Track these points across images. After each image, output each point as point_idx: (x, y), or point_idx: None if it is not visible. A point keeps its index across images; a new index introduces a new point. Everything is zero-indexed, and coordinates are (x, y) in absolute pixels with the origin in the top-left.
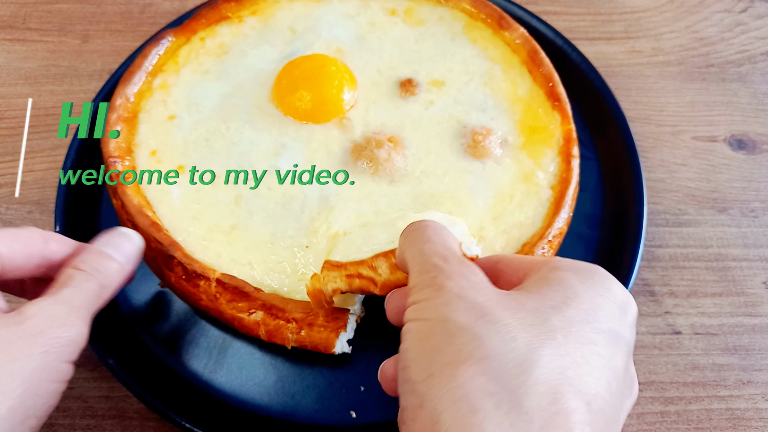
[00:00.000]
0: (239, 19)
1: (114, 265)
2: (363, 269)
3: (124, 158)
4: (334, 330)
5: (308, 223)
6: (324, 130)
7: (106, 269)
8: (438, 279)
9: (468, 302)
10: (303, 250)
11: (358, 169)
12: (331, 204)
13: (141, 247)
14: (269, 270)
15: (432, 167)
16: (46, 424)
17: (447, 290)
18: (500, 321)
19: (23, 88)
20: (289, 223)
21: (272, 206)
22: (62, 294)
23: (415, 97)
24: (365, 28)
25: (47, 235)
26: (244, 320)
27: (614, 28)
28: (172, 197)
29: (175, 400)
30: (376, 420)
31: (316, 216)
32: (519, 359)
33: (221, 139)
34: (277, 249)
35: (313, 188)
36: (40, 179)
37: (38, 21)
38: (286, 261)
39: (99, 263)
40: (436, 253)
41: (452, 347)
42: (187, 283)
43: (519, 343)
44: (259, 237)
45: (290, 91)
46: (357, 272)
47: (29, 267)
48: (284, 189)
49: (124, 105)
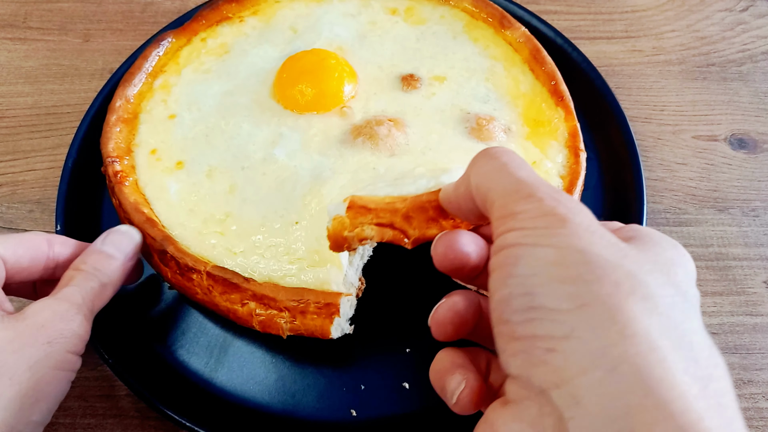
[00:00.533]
0: (240, 19)
1: (114, 263)
2: (396, 219)
3: (123, 158)
4: (327, 316)
5: (299, 199)
6: (323, 119)
7: (106, 268)
8: (559, 209)
9: (604, 239)
10: (293, 227)
11: (357, 146)
12: (323, 179)
13: (140, 243)
14: (261, 255)
15: (436, 144)
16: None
17: (575, 222)
18: (644, 264)
19: (24, 87)
20: (280, 204)
21: (265, 191)
22: (63, 293)
23: (417, 89)
24: (366, 27)
25: (51, 238)
26: (238, 312)
27: (615, 28)
28: (170, 193)
29: (175, 399)
30: (377, 418)
31: (307, 192)
32: (679, 306)
33: (220, 134)
34: (269, 230)
35: (307, 167)
36: (41, 178)
37: (39, 20)
38: (278, 243)
39: (98, 262)
40: (541, 182)
41: (607, 279)
42: (181, 278)
43: (670, 290)
44: (251, 223)
45: (290, 84)
46: (390, 221)
47: (36, 270)
48: (278, 172)
49: (124, 106)
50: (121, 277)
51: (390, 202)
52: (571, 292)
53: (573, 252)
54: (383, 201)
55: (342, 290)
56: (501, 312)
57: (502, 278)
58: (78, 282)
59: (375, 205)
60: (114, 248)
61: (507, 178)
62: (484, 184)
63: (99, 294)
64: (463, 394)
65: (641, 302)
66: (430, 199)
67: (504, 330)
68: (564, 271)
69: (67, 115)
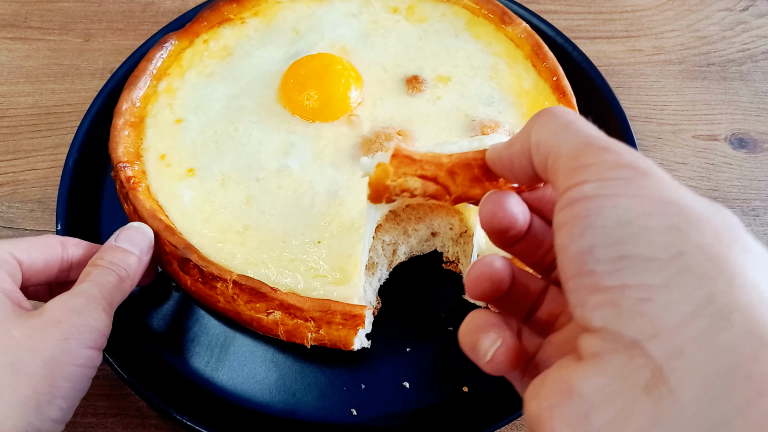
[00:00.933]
0: (241, 20)
1: (130, 257)
2: (441, 173)
3: (133, 163)
4: (352, 327)
5: (319, 217)
6: (332, 128)
7: (124, 262)
8: (639, 162)
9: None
10: (315, 246)
11: None
12: (340, 197)
13: (153, 239)
14: (283, 268)
15: None
16: None
17: (658, 176)
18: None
19: (25, 87)
20: (300, 220)
21: (282, 204)
22: (80, 288)
23: (421, 93)
24: (368, 27)
25: (65, 240)
26: (262, 321)
27: (615, 27)
28: (184, 200)
29: (176, 398)
30: (377, 417)
31: (326, 210)
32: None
33: (230, 140)
34: (290, 246)
35: (323, 183)
36: (42, 178)
37: (40, 20)
38: (299, 258)
39: (115, 257)
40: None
41: (706, 229)
42: (203, 286)
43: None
44: (272, 236)
45: (297, 91)
46: (434, 174)
47: (51, 272)
48: (294, 186)
49: (130, 109)
50: (138, 271)
51: (436, 155)
52: (667, 241)
53: (664, 202)
54: (428, 154)
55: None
56: (581, 263)
57: (579, 230)
58: (95, 277)
59: (420, 156)
60: (129, 243)
61: (575, 134)
62: (547, 141)
63: (117, 287)
64: (499, 351)
65: (744, 254)
66: (477, 157)
67: (585, 282)
68: (657, 220)
69: (67, 115)
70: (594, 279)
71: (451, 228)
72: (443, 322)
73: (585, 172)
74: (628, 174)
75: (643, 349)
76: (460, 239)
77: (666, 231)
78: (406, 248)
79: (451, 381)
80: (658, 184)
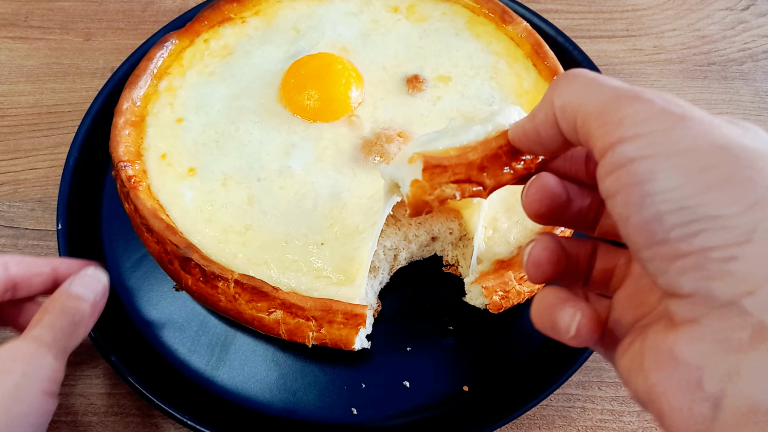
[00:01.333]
0: (242, 19)
1: (83, 304)
2: (473, 172)
3: (134, 162)
4: (353, 327)
5: (321, 220)
6: (333, 128)
7: (77, 308)
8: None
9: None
10: (318, 248)
11: (369, 165)
12: (343, 200)
13: (108, 284)
14: (285, 269)
15: None
16: None
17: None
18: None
19: (25, 86)
20: (302, 221)
21: (285, 205)
22: (31, 334)
23: (422, 93)
24: (369, 26)
25: (6, 261)
26: (264, 320)
27: (616, 27)
28: (185, 200)
29: (177, 397)
30: (377, 417)
31: (329, 213)
32: None
33: (231, 140)
34: (292, 248)
35: (325, 185)
36: (43, 177)
37: (40, 19)
38: (301, 259)
39: (68, 302)
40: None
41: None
42: (205, 285)
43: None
44: (274, 237)
45: (298, 91)
46: (466, 175)
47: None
48: (296, 188)
49: (131, 109)
50: (92, 318)
51: (461, 154)
52: (734, 194)
53: (714, 150)
54: (455, 156)
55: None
56: (651, 234)
57: (637, 199)
58: (48, 322)
59: (449, 161)
60: (83, 289)
61: (600, 89)
62: (573, 101)
63: (71, 333)
64: (582, 323)
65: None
66: (500, 144)
67: (661, 251)
68: (715, 173)
69: (68, 114)
70: (670, 247)
71: (450, 232)
72: (444, 321)
73: (619, 127)
74: (665, 124)
75: (740, 307)
76: (460, 243)
77: (728, 183)
78: (406, 254)
79: (451, 380)
80: (699, 130)
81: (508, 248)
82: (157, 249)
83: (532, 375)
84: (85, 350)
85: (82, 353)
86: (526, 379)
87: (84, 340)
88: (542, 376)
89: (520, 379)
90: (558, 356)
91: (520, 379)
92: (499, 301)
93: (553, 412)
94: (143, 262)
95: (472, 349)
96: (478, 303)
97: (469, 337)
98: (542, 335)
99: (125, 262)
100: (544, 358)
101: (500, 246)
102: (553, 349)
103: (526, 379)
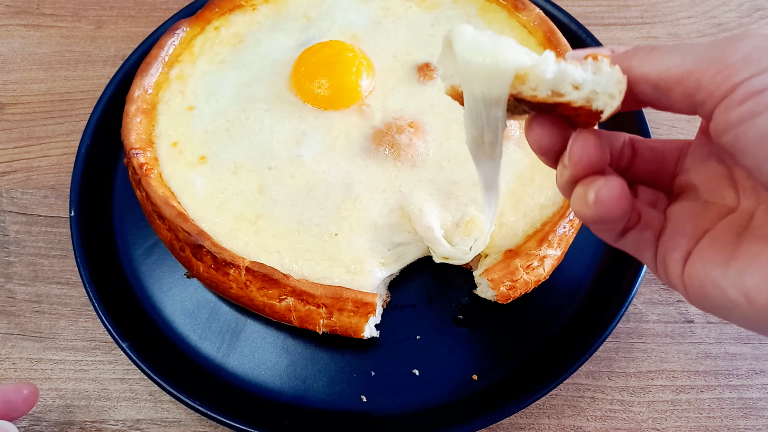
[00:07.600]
0: (252, 7)
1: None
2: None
3: (145, 150)
4: (363, 315)
5: (334, 210)
6: (344, 117)
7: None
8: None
9: None
10: (332, 238)
11: (380, 156)
12: (355, 192)
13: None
14: (298, 257)
15: (453, 153)
16: (63, 406)
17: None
18: None
19: (38, 74)
20: (315, 211)
21: (296, 194)
22: None
23: (433, 81)
24: (380, 14)
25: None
26: (275, 307)
27: (630, 14)
28: (196, 188)
29: (188, 383)
30: (387, 404)
31: (342, 204)
32: None
33: (241, 128)
34: (304, 237)
35: (336, 174)
36: (55, 164)
37: (52, 6)
38: (314, 248)
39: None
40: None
41: None
42: (216, 272)
43: None
44: (286, 225)
45: (309, 79)
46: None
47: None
48: (307, 177)
49: (142, 96)
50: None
51: None
52: None
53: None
54: None
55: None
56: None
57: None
58: None
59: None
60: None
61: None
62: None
63: None
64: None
65: None
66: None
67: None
68: None
69: (80, 102)
70: None
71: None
72: (453, 310)
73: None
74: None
75: None
76: None
77: None
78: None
79: (460, 369)
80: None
81: (515, 240)
82: (169, 236)
83: (541, 364)
84: (97, 336)
85: (95, 339)
86: (535, 368)
87: (96, 327)
88: (552, 366)
89: (530, 369)
90: (568, 346)
91: (530, 368)
92: (507, 291)
93: (562, 402)
94: (155, 249)
95: (482, 338)
96: (488, 295)
97: (479, 327)
98: (552, 325)
99: (137, 249)
100: (554, 348)
101: (507, 239)
102: (563, 339)
103: (536, 368)
